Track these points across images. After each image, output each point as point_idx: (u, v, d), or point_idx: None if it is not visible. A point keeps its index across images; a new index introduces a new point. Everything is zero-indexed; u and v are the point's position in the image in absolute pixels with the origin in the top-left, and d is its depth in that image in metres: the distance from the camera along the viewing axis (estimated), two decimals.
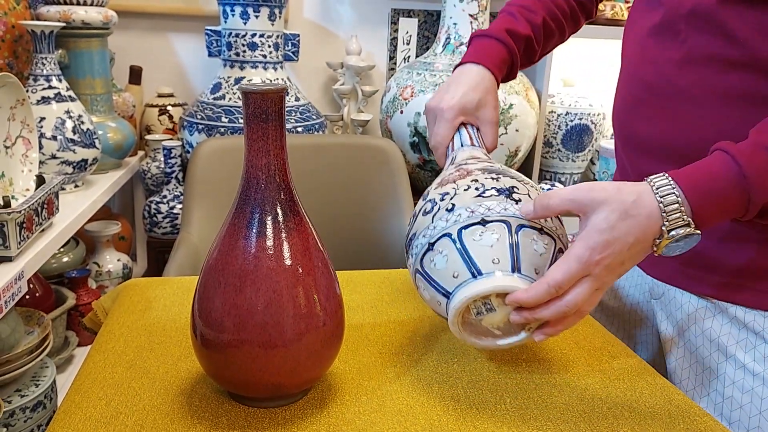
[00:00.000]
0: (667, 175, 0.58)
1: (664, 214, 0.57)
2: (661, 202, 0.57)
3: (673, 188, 0.57)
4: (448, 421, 0.59)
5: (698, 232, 0.58)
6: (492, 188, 0.63)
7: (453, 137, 0.77)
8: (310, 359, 0.57)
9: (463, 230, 0.60)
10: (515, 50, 0.82)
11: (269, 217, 0.56)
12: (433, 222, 0.63)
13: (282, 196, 0.57)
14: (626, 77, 0.79)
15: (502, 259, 0.59)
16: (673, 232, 0.57)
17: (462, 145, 0.75)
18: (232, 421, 0.58)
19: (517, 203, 0.61)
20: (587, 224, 0.58)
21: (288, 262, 0.56)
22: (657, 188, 0.58)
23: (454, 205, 0.62)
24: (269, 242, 0.56)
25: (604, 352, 0.73)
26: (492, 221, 0.60)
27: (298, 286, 0.56)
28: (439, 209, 0.63)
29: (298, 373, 0.57)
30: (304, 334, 0.56)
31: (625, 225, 0.57)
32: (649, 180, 0.59)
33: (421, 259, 0.63)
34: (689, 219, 0.57)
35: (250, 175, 0.57)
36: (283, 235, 0.56)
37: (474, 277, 0.59)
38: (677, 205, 0.57)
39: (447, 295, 0.60)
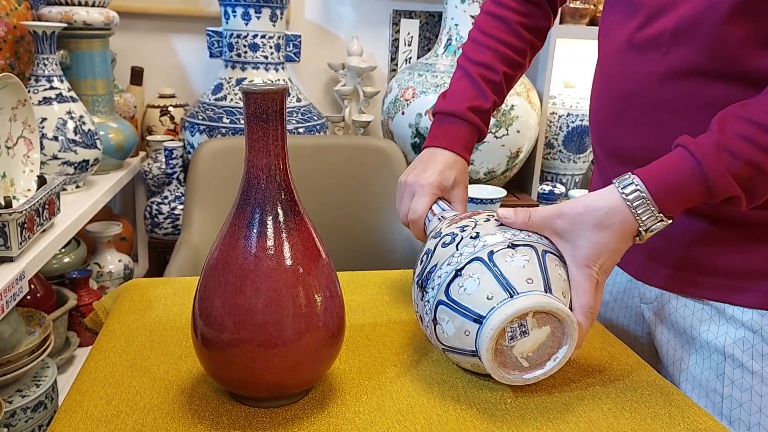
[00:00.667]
0: (630, 174, 0.62)
1: (637, 217, 0.61)
2: (628, 200, 0.61)
3: (637, 186, 0.61)
4: (448, 420, 0.59)
5: (671, 220, 0.62)
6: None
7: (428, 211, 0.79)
8: (311, 359, 0.57)
9: (493, 253, 0.61)
10: (482, 126, 0.85)
11: (270, 217, 0.56)
12: (458, 250, 0.63)
13: (282, 196, 0.57)
14: (604, 88, 0.78)
15: (535, 279, 0.60)
16: (650, 229, 0.62)
17: (444, 211, 0.78)
18: (232, 420, 0.58)
19: (535, 233, 0.65)
20: (570, 247, 0.63)
21: (288, 262, 0.56)
22: (622, 188, 0.62)
23: (478, 233, 0.64)
24: (270, 242, 0.56)
25: (603, 352, 0.73)
26: (520, 245, 0.62)
27: (299, 285, 0.56)
28: (462, 239, 0.64)
29: (299, 372, 0.57)
30: (304, 334, 0.56)
31: (602, 236, 0.62)
32: (615, 181, 0.63)
33: (447, 288, 0.62)
34: (659, 214, 0.61)
35: (250, 175, 0.57)
36: (284, 235, 0.56)
37: (511, 296, 0.59)
38: (642, 200, 0.61)
39: (479, 319, 0.59)
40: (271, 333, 0.55)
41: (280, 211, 0.57)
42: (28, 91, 1.25)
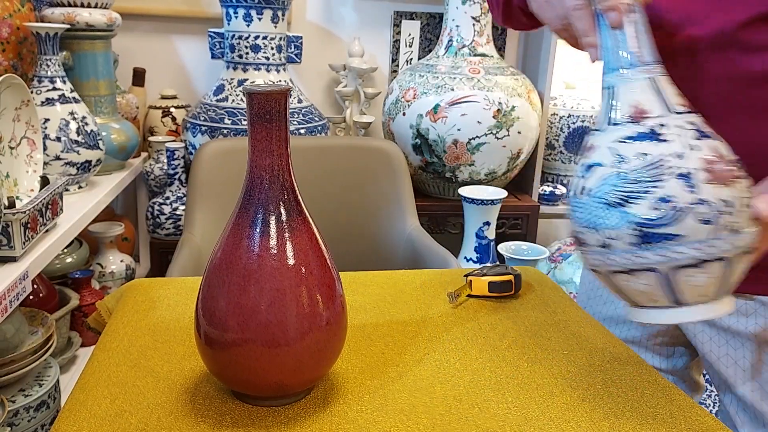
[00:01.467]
0: None
1: None
2: None
3: None
4: (450, 420, 0.59)
5: None
6: None
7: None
8: (313, 358, 0.57)
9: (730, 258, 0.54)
10: None
11: (273, 217, 0.57)
12: (717, 239, 0.53)
13: (285, 196, 0.57)
14: None
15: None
16: None
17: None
18: (235, 419, 0.58)
19: None
20: None
21: (291, 261, 0.56)
22: None
23: (738, 226, 0.53)
24: (273, 242, 0.56)
25: (605, 352, 0.73)
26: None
27: (302, 285, 0.56)
28: (725, 227, 0.53)
29: (302, 371, 0.57)
30: (307, 333, 0.56)
31: None
32: None
33: (677, 269, 0.54)
34: None
35: (254, 175, 0.57)
36: (287, 234, 0.57)
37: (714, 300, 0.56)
38: None
39: (679, 303, 0.56)
40: (274, 332, 0.55)
41: (283, 210, 0.57)
42: (31, 92, 1.26)
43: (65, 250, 1.55)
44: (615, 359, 0.72)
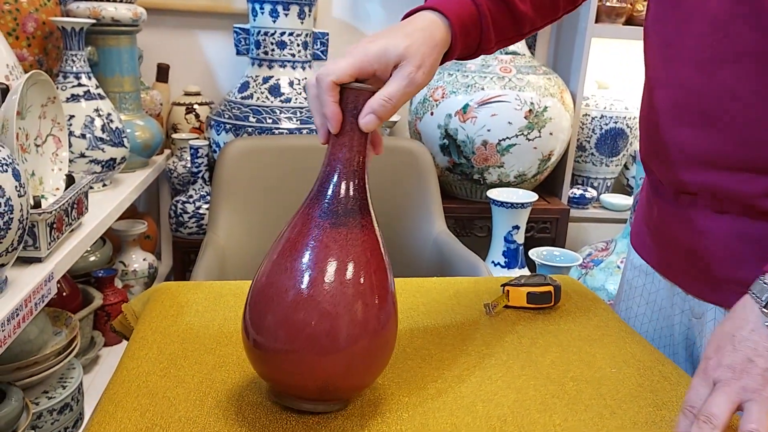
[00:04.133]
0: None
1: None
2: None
3: None
4: None
5: None
6: None
7: None
8: (364, 363, 0.56)
9: None
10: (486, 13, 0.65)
11: (341, 217, 0.57)
12: None
13: (358, 195, 0.58)
14: (657, 82, 0.74)
15: None
16: None
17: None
18: None
19: None
20: None
21: (351, 271, 0.55)
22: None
23: None
24: (337, 244, 0.55)
25: (654, 371, 0.69)
26: None
27: (358, 298, 0.55)
28: None
29: (351, 376, 0.55)
30: (358, 339, 0.54)
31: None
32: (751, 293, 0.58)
33: None
34: None
35: (330, 168, 0.57)
36: (353, 234, 0.56)
37: None
38: None
39: None
40: (324, 343, 0.53)
41: (352, 208, 0.57)
42: (56, 88, 1.24)
43: (88, 249, 1.54)
44: (665, 379, 0.68)
